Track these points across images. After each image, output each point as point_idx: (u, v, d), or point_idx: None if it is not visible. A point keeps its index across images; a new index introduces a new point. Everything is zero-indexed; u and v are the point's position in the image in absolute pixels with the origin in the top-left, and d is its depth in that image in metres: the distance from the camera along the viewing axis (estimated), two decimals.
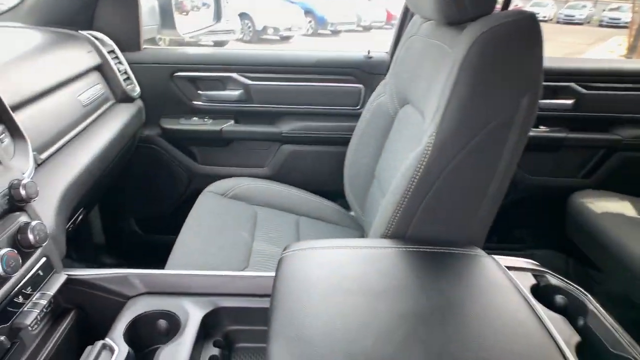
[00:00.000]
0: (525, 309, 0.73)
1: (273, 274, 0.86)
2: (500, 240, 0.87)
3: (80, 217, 1.17)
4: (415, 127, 1.05)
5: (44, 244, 0.73)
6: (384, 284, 0.74)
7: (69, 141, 1.07)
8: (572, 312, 0.86)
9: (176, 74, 1.57)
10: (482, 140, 0.83)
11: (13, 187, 0.69)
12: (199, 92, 1.61)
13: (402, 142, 1.15)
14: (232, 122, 1.64)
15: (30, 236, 0.70)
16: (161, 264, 1.11)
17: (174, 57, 1.58)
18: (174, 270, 0.92)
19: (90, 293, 0.87)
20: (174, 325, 0.85)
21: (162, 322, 0.86)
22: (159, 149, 1.65)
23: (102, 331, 0.85)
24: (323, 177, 1.69)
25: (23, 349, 0.75)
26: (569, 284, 0.91)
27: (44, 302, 0.72)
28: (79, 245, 1.70)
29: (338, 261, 0.80)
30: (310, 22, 11.31)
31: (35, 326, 0.80)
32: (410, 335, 0.64)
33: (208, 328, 0.87)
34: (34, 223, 0.71)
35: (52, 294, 0.74)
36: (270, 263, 1.19)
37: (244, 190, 1.47)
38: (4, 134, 0.78)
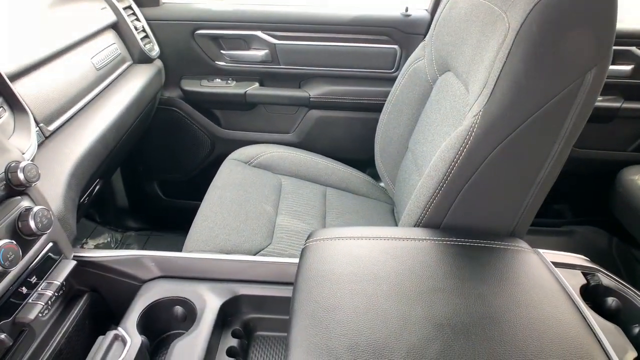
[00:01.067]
0: (576, 319, 0.64)
1: (296, 260, 0.79)
2: (538, 214, 0.79)
3: (98, 187, 1.13)
4: (456, 100, 0.92)
5: (48, 231, 0.68)
6: (418, 286, 0.66)
7: (81, 109, 1.01)
8: (626, 318, 0.77)
9: (198, 31, 1.46)
10: (536, 121, 0.71)
11: (10, 170, 0.63)
12: (222, 51, 1.50)
13: (440, 114, 1.03)
14: (256, 84, 1.54)
15: (32, 223, 0.64)
16: (182, 230, 1.07)
17: (196, 13, 1.46)
18: (190, 253, 0.86)
19: (103, 276, 0.83)
20: (191, 312, 0.80)
21: (178, 309, 0.82)
22: (180, 112, 1.57)
23: (117, 315, 0.82)
24: (352, 145, 1.58)
25: (32, 338, 0.73)
26: (623, 284, 0.81)
27: (50, 292, 0.68)
28: (103, 208, 1.69)
29: (367, 256, 0.72)
30: None
31: (45, 313, 0.77)
32: (447, 350, 0.57)
33: (226, 316, 0.82)
34: (36, 209, 0.65)
35: (58, 283, 0.70)
36: (294, 240, 1.12)
37: (269, 158, 1.39)
38: (1, 108, 0.72)
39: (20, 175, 0.63)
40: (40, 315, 0.77)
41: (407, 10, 1.44)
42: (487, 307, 0.64)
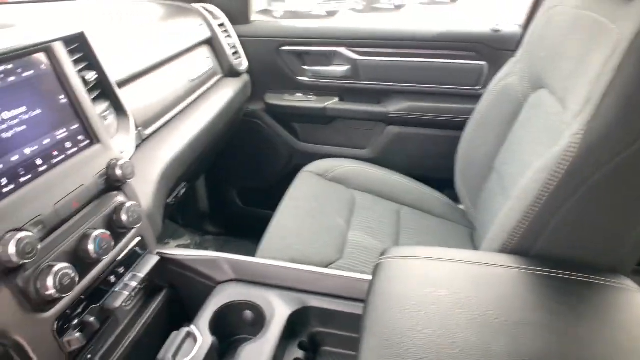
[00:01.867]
0: None
1: (368, 277, 0.77)
2: None
3: (183, 190, 1.19)
4: (552, 118, 0.85)
5: (137, 225, 0.73)
6: (503, 317, 0.60)
7: (174, 116, 1.08)
8: None
9: (282, 47, 1.51)
10: None
11: (111, 166, 0.69)
12: (304, 67, 1.55)
13: (532, 133, 0.95)
14: (336, 99, 1.55)
15: (124, 217, 0.69)
16: (256, 237, 1.09)
17: (282, 30, 1.52)
18: (264, 259, 0.87)
19: (182, 274, 0.87)
20: (260, 318, 0.81)
21: (248, 314, 0.83)
22: (262, 124, 1.63)
23: (190, 312, 0.85)
24: (430, 164, 1.53)
25: (116, 325, 0.77)
26: None
27: (134, 283, 0.72)
28: (186, 212, 1.79)
29: (447, 279, 0.67)
30: None
31: (129, 302, 0.82)
32: None
33: (294, 327, 0.81)
34: (128, 204, 0.70)
35: (142, 276, 0.74)
36: (365, 256, 1.10)
37: (344, 172, 1.38)
38: (108, 111, 0.79)
39: (119, 172, 0.69)
40: (124, 304, 0.82)
41: (497, 25, 1.38)
42: (584, 350, 0.56)
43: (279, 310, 0.79)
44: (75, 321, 0.62)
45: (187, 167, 1.07)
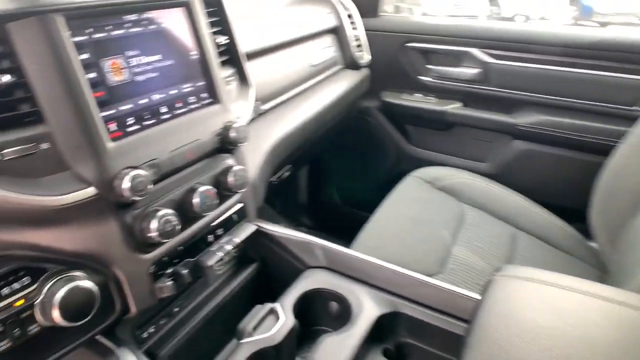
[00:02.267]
0: None
1: (474, 295, 0.67)
2: None
3: (287, 173, 1.19)
4: None
5: (242, 190, 0.72)
6: None
7: (291, 98, 1.08)
8: None
9: (408, 44, 1.45)
10: None
11: (226, 128, 0.69)
12: (429, 66, 1.46)
13: None
14: (459, 104, 1.44)
15: (231, 179, 0.69)
16: (349, 237, 1.04)
17: (410, 25, 1.45)
18: (359, 252, 0.81)
19: (274, 250, 0.85)
20: (345, 312, 0.75)
21: (334, 305, 0.78)
22: (374, 122, 1.58)
23: (275, 291, 0.82)
24: (560, 189, 1.34)
25: (205, 286, 0.78)
26: None
27: (229, 247, 0.71)
28: (284, 199, 1.81)
29: (577, 312, 0.55)
30: (574, 10, 9.66)
31: (220, 267, 0.82)
32: None
33: (381, 330, 0.74)
34: (236, 168, 0.70)
35: (238, 241, 0.73)
36: (469, 276, 0.98)
37: (456, 183, 1.27)
38: (232, 77, 0.80)
39: (233, 134, 0.68)
40: (216, 266, 0.82)
41: None
42: None
43: (367, 308, 0.73)
44: (170, 270, 0.63)
45: (294, 149, 1.06)
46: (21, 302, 0.49)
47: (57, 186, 0.50)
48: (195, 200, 0.63)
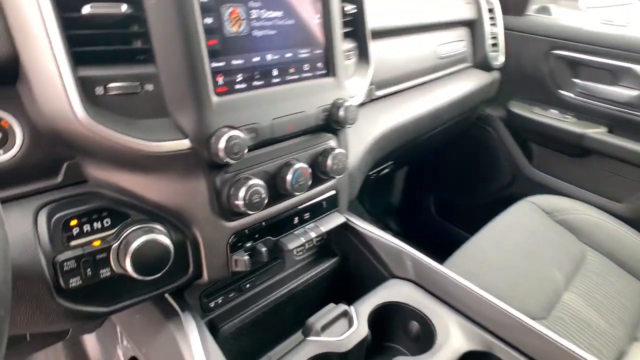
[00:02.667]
0: None
1: (587, 356, 0.54)
2: None
3: (386, 170, 1.10)
4: None
5: (338, 176, 0.65)
6: None
7: (408, 88, 0.98)
8: None
9: (554, 51, 1.25)
10: None
11: (335, 105, 0.62)
12: (575, 80, 1.25)
13: None
14: (603, 129, 1.22)
15: (329, 162, 0.62)
16: (440, 257, 0.93)
17: (559, 29, 1.26)
18: (455, 272, 0.70)
19: (360, 250, 0.77)
20: (427, 337, 0.65)
21: (415, 325, 0.68)
22: (494, 133, 1.41)
23: (352, 293, 0.75)
24: None
25: (280, 269, 0.73)
26: None
27: (313, 234, 0.65)
28: (376, 198, 1.72)
29: None
30: None
31: (300, 253, 0.77)
32: None
33: None
34: (338, 151, 0.63)
35: (324, 230, 0.66)
36: (581, 332, 0.82)
37: (581, 220, 1.08)
38: (353, 52, 0.73)
39: (342, 113, 0.62)
40: (296, 251, 0.77)
41: None
42: None
43: (454, 339, 0.62)
44: (249, 244, 0.59)
45: (400, 145, 0.97)
46: (98, 242, 0.48)
47: (154, 132, 0.47)
48: (289, 176, 0.57)
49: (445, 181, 1.61)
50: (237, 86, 0.52)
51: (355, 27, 0.72)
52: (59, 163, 0.48)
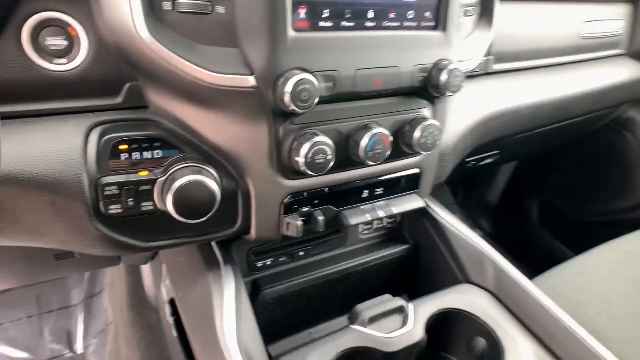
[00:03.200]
0: None
1: None
2: None
3: (489, 160, 0.95)
4: None
5: (426, 153, 0.55)
6: None
7: (534, 68, 0.82)
8: None
9: None
10: None
11: (438, 66, 0.51)
12: None
13: None
14: None
15: (417, 135, 0.52)
16: (532, 272, 0.79)
17: None
18: (545, 292, 0.58)
19: (436, 244, 0.67)
20: (493, 356, 0.55)
21: (482, 343, 0.58)
22: (631, 141, 1.16)
23: (415, 287, 0.66)
24: None
25: (342, 244, 0.66)
26: None
27: (382, 214, 0.56)
28: (471, 192, 1.55)
29: None
30: None
31: (366, 232, 0.69)
32: None
33: None
34: (430, 122, 0.52)
35: (396, 211, 0.57)
36: None
37: None
38: (473, 9, 0.60)
39: (444, 78, 0.51)
40: (361, 228, 0.69)
41: None
42: None
43: None
44: (306, 209, 0.52)
45: (510, 133, 0.82)
46: (145, 173, 0.45)
47: (218, 63, 0.41)
48: (364, 141, 0.49)
49: (557, 187, 1.39)
50: (322, 24, 0.45)
51: None
52: (122, 83, 0.44)
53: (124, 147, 0.44)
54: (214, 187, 0.45)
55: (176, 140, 0.46)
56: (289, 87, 0.41)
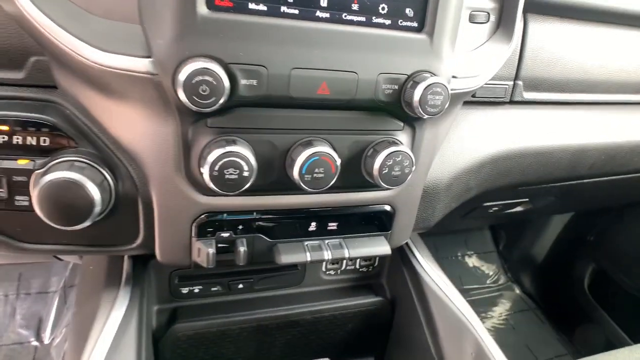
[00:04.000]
0: None
1: None
2: None
3: (519, 208, 0.79)
4: None
5: (389, 187, 0.42)
6: None
7: (577, 104, 0.65)
8: None
9: None
10: None
11: (414, 79, 0.39)
12: None
13: None
14: None
15: (377, 163, 0.41)
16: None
17: None
18: None
19: (409, 297, 0.54)
20: None
21: None
22: None
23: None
24: None
25: (297, 282, 0.55)
26: None
27: (329, 254, 0.45)
28: (512, 238, 1.34)
29: None
30: None
31: (331, 272, 0.57)
32: None
33: None
34: (396, 149, 0.41)
35: (351, 255, 0.45)
36: None
37: None
38: (487, 14, 0.47)
39: (416, 93, 0.39)
40: (323, 267, 0.58)
41: None
42: None
43: None
44: (226, 235, 0.42)
45: (536, 177, 0.65)
46: (25, 162, 0.38)
47: (112, 39, 0.34)
48: (298, 161, 0.38)
49: (617, 251, 1.16)
50: (252, 5, 0.35)
51: None
52: (26, 56, 0.38)
53: (3, 127, 0.37)
54: (92, 189, 0.36)
55: (72, 129, 0.39)
56: (181, 77, 0.32)
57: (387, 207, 0.47)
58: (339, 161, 0.39)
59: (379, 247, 0.48)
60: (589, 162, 0.66)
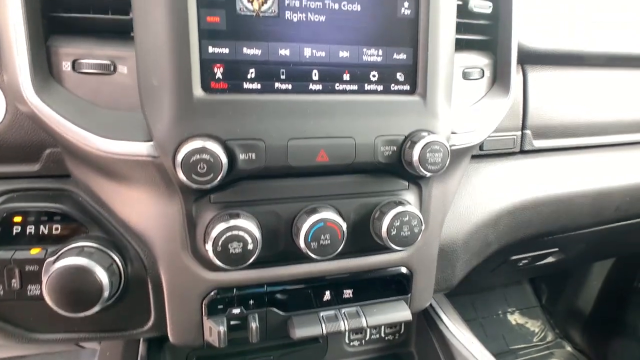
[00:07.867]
0: None
1: None
2: None
3: (543, 261, 0.75)
4: None
5: (400, 249, 0.41)
6: None
7: (586, 147, 0.63)
8: None
9: None
10: None
11: (412, 139, 0.40)
12: None
13: None
14: None
15: (385, 224, 0.40)
16: None
17: None
18: None
19: None
20: None
21: None
22: None
23: None
24: None
25: (320, 354, 0.52)
26: None
27: (346, 325, 0.43)
28: (554, 292, 1.26)
29: None
30: None
31: (355, 342, 0.54)
32: None
33: None
34: (403, 209, 0.40)
35: (370, 323, 0.43)
36: None
37: None
38: (480, 70, 0.48)
39: (415, 152, 0.39)
40: (346, 337, 0.55)
41: None
42: None
43: None
44: (237, 311, 0.41)
45: (558, 225, 0.62)
46: (37, 251, 0.39)
47: (115, 127, 0.36)
48: (303, 229, 0.38)
49: None
50: (247, 85, 0.37)
51: (492, 36, 0.48)
52: (41, 149, 0.41)
53: (17, 218, 0.39)
54: (100, 274, 0.37)
55: (84, 215, 0.40)
56: (179, 156, 0.34)
57: (404, 269, 0.46)
58: (344, 226, 0.39)
59: (399, 312, 0.45)
60: (614, 205, 0.63)
